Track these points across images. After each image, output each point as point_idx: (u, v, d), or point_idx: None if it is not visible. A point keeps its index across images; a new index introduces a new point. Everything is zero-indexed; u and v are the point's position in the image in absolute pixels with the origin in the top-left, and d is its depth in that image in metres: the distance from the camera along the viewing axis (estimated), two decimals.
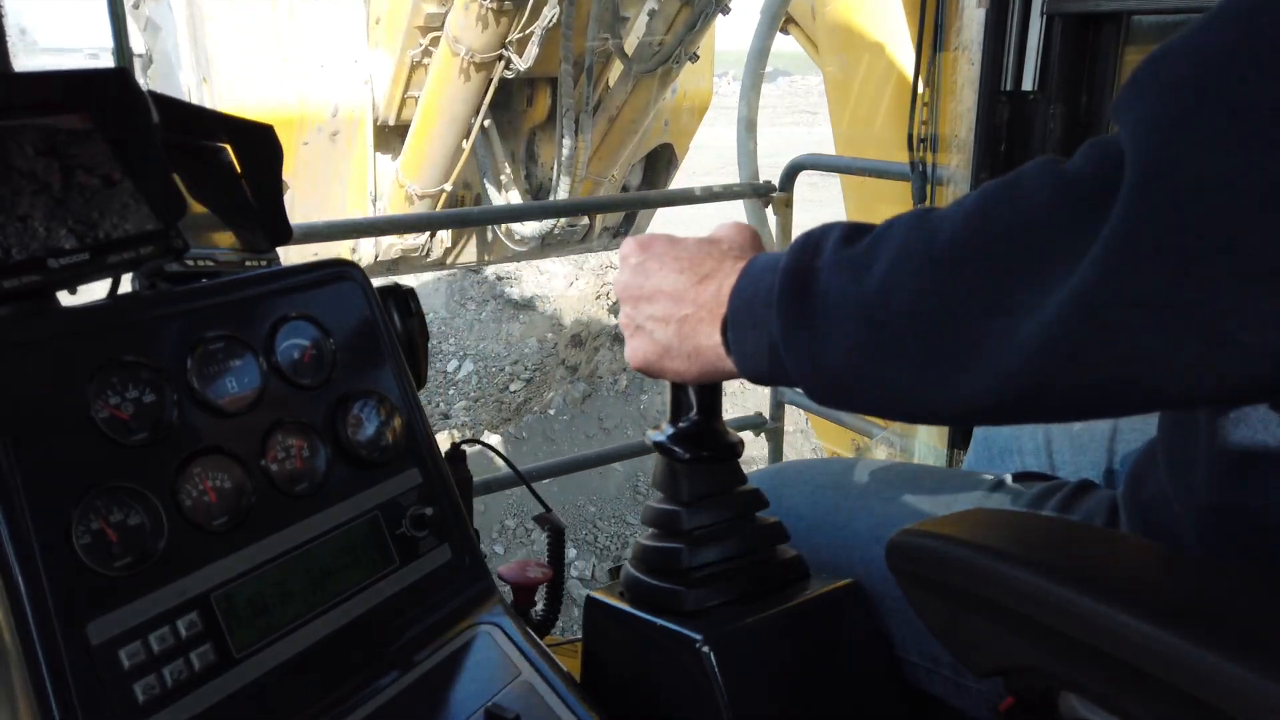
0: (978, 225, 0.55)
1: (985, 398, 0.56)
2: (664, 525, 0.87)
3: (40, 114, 0.76)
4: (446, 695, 0.83)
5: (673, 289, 0.73)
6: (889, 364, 0.59)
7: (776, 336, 0.64)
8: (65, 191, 0.75)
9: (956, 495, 0.94)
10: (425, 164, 4.08)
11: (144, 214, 0.79)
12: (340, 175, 4.39)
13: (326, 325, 0.87)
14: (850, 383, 0.62)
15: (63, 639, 0.64)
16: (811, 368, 0.63)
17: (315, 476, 0.82)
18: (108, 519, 0.69)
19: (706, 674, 0.78)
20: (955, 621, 0.67)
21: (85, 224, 0.75)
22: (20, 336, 0.69)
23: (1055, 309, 0.51)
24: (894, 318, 0.58)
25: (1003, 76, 1.90)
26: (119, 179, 0.79)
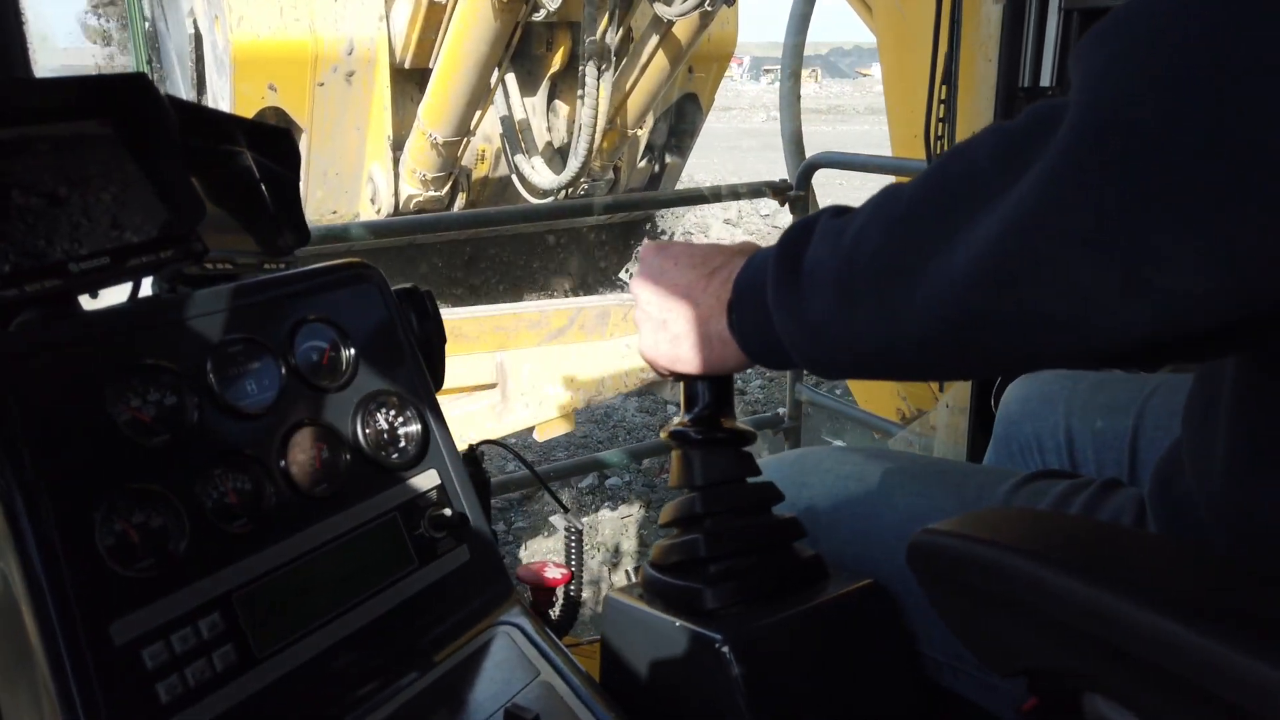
0: (930, 181, 0.60)
1: (929, 330, 0.59)
2: (680, 518, 0.87)
3: (61, 119, 0.77)
4: (466, 695, 0.83)
5: (686, 283, 0.80)
6: (856, 314, 0.63)
7: (770, 305, 0.69)
8: (86, 196, 0.76)
9: (980, 492, 0.93)
10: (448, 110, 3.96)
11: (151, 221, 0.80)
12: (358, 122, 4.29)
13: (345, 327, 0.88)
14: (829, 340, 0.67)
15: (86, 639, 0.65)
16: (796, 329, 0.68)
17: (334, 478, 0.82)
18: (130, 520, 0.69)
19: (727, 674, 0.78)
20: (978, 621, 0.67)
21: (106, 228, 0.76)
22: (43, 340, 0.70)
23: (985, 239, 0.54)
24: (859, 272, 0.63)
25: (1020, 73, 1.89)
26: (139, 183, 0.80)
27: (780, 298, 0.69)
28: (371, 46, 4.20)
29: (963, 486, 0.95)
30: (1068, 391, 1.13)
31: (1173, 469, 0.75)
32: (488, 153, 4.60)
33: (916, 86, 2.68)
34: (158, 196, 0.80)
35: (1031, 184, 0.52)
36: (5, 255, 0.71)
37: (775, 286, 0.69)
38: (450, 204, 4.59)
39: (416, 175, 4.27)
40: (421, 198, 4.38)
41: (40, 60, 5.20)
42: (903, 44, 2.79)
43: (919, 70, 2.63)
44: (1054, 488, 0.90)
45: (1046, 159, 0.52)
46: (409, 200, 4.39)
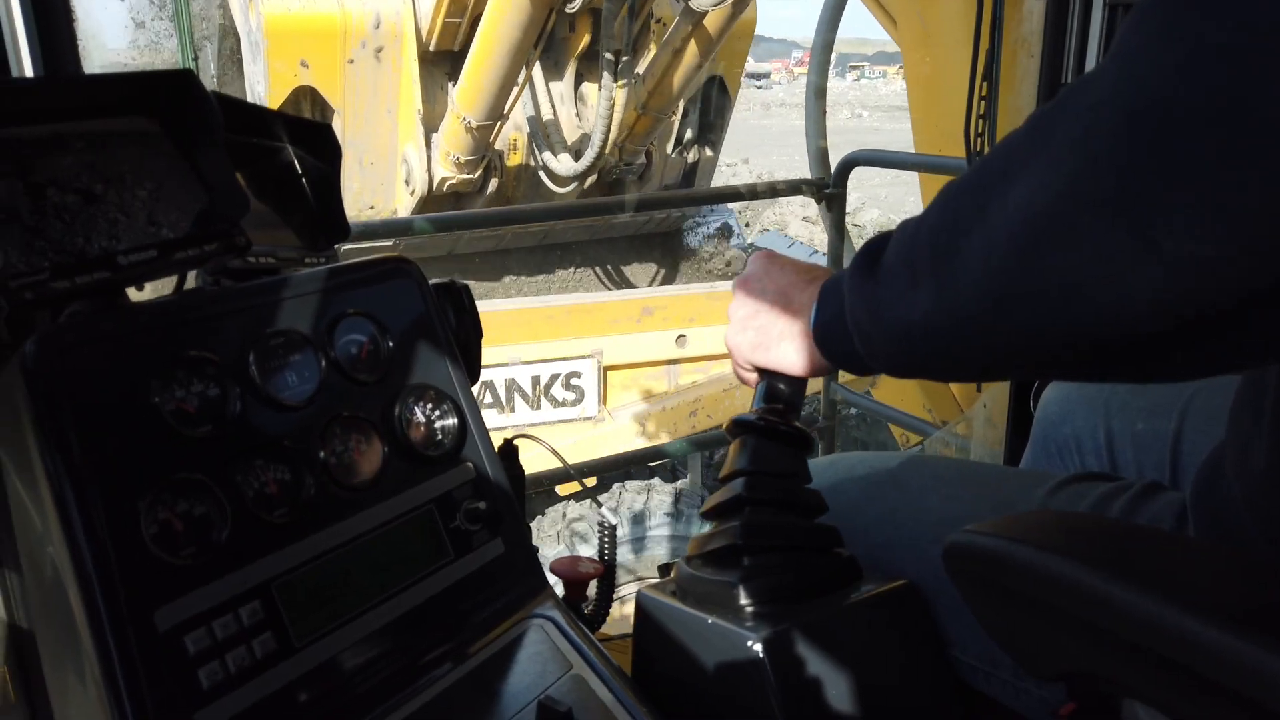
0: (979, 162, 0.63)
1: (973, 305, 0.61)
2: (722, 504, 0.87)
3: (110, 115, 0.78)
4: (500, 687, 0.83)
5: (786, 284, 0.87)
6: (918, 294, 0.65)
7: (845, 294, 0.73)
8: (122, 193, 0.77)
9: (1016, 495, 0.92)
10: (482, 94, 3.96)
11: (186, 217, 0.81)
12: (390, 105, 4.33)
13: (383, 321, 0.89)
14: (890, 321, 0.68)
15: (131, 625, 0.66)
16: (865, 313, 0.71)
17: (372, 470, 0.83)
18: (174, 509, 0.70)
19: (759, 672, 0.77)
20: (1016, 625, 0.66)
21: (153, 222, 0.78)
22: (92, 331, 0.72)
23: (1014, 207, 0.56)
24: (918, 251, 0.65)
25: (1063, 69, 1.85)
26: (185, 178, 0.81)
27: (855, 285, 0.72)
28: (398, 20, 4.22)
29: (998, 489, 0.94)
30: (1108, 392, 1.11)
31: (1215, 472, 0.74)
32: (519, 142, 4.60)
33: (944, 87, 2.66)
34: (202, 191, 0.82)
35: (1058, 150, 0.54)
36: (44, 252, 0.73)
37: (852, 276, 0.73)
38: (483, 186, 4.58)
39: (450, 158, 4.28)
40: (455, 180, 4.39)
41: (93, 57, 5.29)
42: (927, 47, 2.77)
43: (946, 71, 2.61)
44: (1093, 490, 0.88)
45: (1073, 125, 0.54)
46: (442, 182, 4.39)
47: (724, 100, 5.38)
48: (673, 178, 5.35)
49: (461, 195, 4.58)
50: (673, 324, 3.67)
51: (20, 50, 1.04)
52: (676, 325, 3.68)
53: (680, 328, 3.68)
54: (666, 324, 3.66)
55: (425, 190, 4.35)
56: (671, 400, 3.76)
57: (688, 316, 3.71)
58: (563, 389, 3.49)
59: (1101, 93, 0.53)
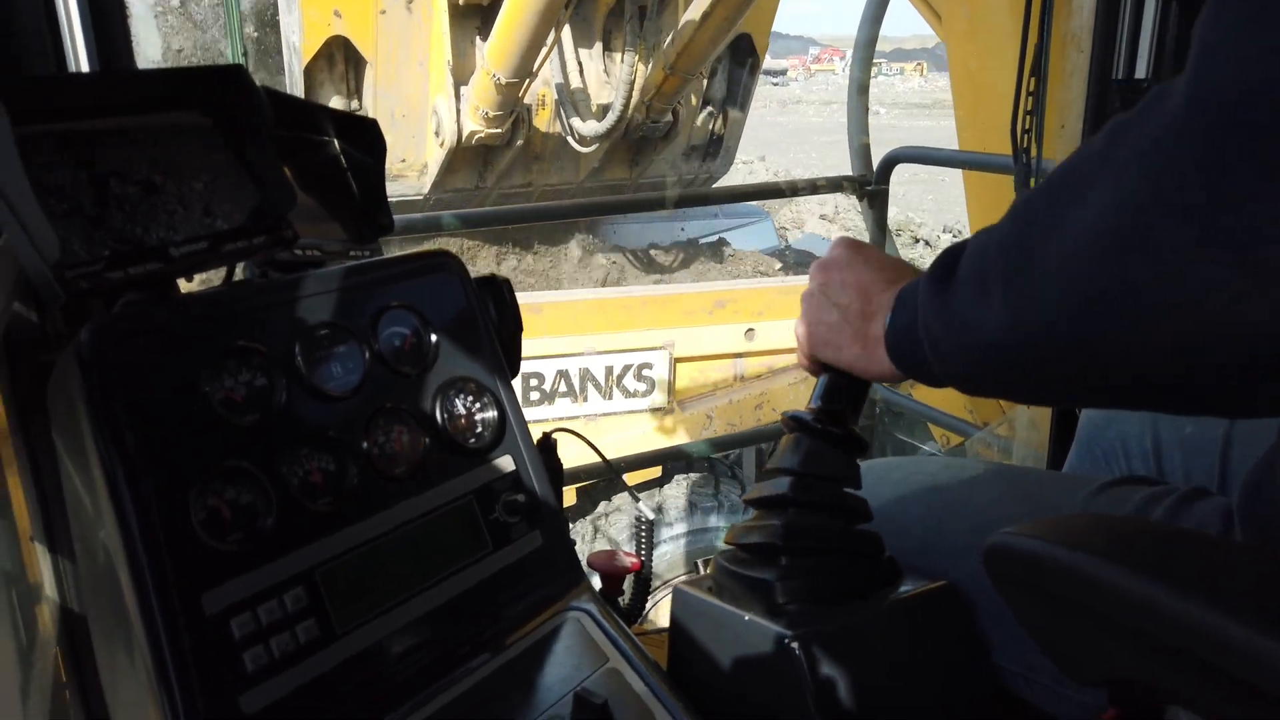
0: (1054, 171, 0.61)
1: (1049, 318, 0.59)
2: (766, 498, 0.87)
3: (162, 110, 0.80)
4: (536, 678, 0.84)
5: (867, 281, 0.82)
6: (989, 306, 0.63)
7: (919, 303, 0.71)
8: (180, 185, 0.79)
9: (1058, 499, 0.90)
10: (511, 52, 3.95)
11: (241, 209, 0.83)
12: (421, 57, 4.34)
13: (426, 315, 0.90)
14: (962, 333, 0.66)
15: (180, 608, 0.68)
16: (937, 323, 0.69)
17: (414, 461, 0.84)
18: (222, 496, 0.72)
19: (795, 671, 0.77)
20: (1057, 629, 0.65)
21: (199, 216, 0.79)
22: (144, 321, 0.73)
23: (1094, 216, 0.54)
24: (990, 262, 0.63)
25: (1114, 64, 1.82)
26: (233, 172, 0.83)
27: (929, 295, 0.70)
28: None
29: (1039, 492, 0.93)
30: None
31: (1265, 477, 0.72)
32: (548, 98, 4.59)
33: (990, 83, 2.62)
34: (251, 184, 0.83)
35: (1140, 157, 0.52)
36: (104, 241, 0.74)
37: (927, 285, 0.71)
38: (511, 140, 4.58)
39: (479, 112, 4.29)
40: (483, 134, 4.39)
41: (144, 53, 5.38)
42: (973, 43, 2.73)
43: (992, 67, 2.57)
44: (1136, 494, 0.87)
45: (1156, 130, 0.51)
46: (471, 135, 4.40)
47: (753, 59, 5.31)
48: (700, 138, 5.28)
49: (490, 148, 4.58)
50: (743, 317, 3.65)
51: (77, 46, 1.07)
52: (747, 319, 3.65)
53: (750, 321, 3.66)
54: (737, 317, 3.64)
55: (454, 142, 4.36)
56: (738, 393, 3.76)
57: (758, 310, 3.68)
58: (635, 379, 3.50)
59: (1184, 93, 0.50)
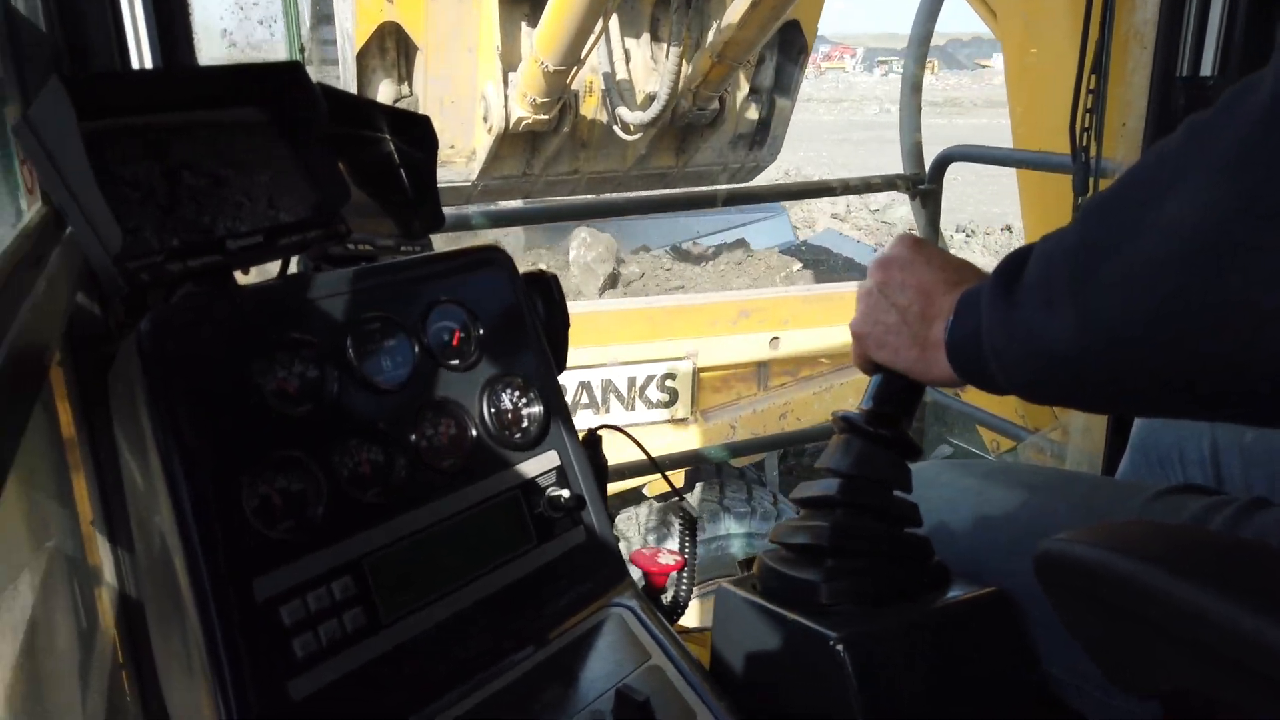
0: (1124, 174, 0.59)
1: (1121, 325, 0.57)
2: (813, 498, 0.86)
3: (221, 106, 0.82)
4: (578, 673, 0.85)
5: (930, 282, 0.80)
6: (1055, 313, 0.61)
7: (982, 309, 0.69)
8: (255, 176, 0.81)
9: (1111, 505, 0.88)
10: (559, 40, 3.96)
11: (303, 202, 0.84)
12: (470, 43, 4.39)
13: (474, 309, 0.90)
14: (1026, 341, 0.65)
15: (232, 594, 0.69)
16: (1000, 331, 0.67)
17: (460, 454, 0.85)
18: (273, 485, 0.73)
19: (840, 673, 0.76)
20: (1109, 637, 0.64)
21: (264, 208, 0.81)
22: (202, 313, 0.75)
23: (1174, 219, 0.52)
24: (1055, 269, 0.61)
25: (1179, 61, 1.77)
26: (290, 167, 0.84)
27: (992, 302, 0.68)
28: None
29: (1091, 498, 0.91)
30: None
31: None
32: (595, 85, 4.60)
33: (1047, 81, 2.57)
34: (307, 180, 0.85)
35: (1224, 156, 0.50)
36: (174, 230, 0.76)
37: (991, 290, 0.69)
38: (558, 127, 4.61)
39: (527, 99, 4.32)
40: (530, 120, 4.42)
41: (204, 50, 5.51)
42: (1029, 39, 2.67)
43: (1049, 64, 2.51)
44: (1193, 503, 0.84)
45: (1242, 128, 0.49)
46: (519, 122, 4.43)
47: (800, 46, 5.25)
48: (747, 126, 5.23)
49: (537, 135, 4.62)
50: (768, 326, 3.63)
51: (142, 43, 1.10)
52: (772, 328, 3.63)
53: (775, 330, 3.63)
54: (762, 326, 3.62)
55: (502, 129, 4.39)
56: (761, 403, 3.73)
57: (783, 319, 3.66)
58: (657, 390, 3.50)
59: (1271, 90, 0.48)
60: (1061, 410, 2.51)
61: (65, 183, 0.69)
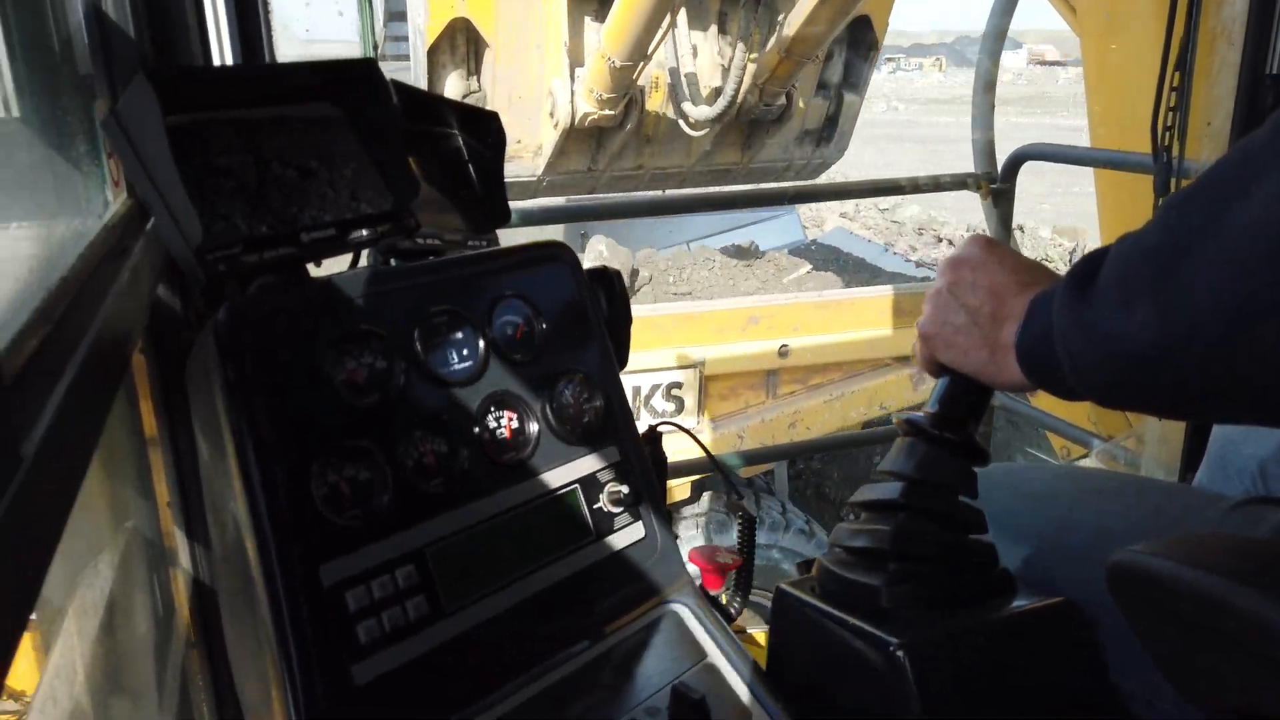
0: (1207, 171, 0.58)
1: (1201, 324, 0.56)
2: (874, 501, 0.85)
3: (299, 102, 0.84)
4: (634, 669, 0.85)
5: (1001, 283, 0.78)
6: (1133, 313, 0.60)
7: (1054, 311, 0.68)
8: (340, 169, 0.83)
9: (1187, 515, 0.85)
10: (627, 35, 3.96)
11: (383, 195, 0.86)
12: (537, 39, 4.43)
13: (538, 304, 0.91)
14: (1102, 343, 0.63)
15: (300, 578, 0.71)
16: (1073, 332, 0.66)
17: (522, 447, 0.86)
18: (341, 473, 0.75)
19: (901, 680, 0.75)
20: (1183, 653, 0.62)
21: (354, 198, 0.83)
22: (276, 303, 0.77)
23: (1260, 215, 0.51)
24: (1134, 267, 0.60)
25: (1269, 58, 1.70)
26: (363, 162, 0.86)
27: (1065, 303, 0.67)
28: None
29: (1166, 507, 0.88)
30: None
31: None
32: (662, 80, 4.60)
33: (1128, 78, 2.48)
34: (379, 175, 0.86)
35: None
36: (263, 218, 0.79)
37: (1064, 292, 0.68)
38: (623, 122, 4.63)
39: (594, 95, 4.35)
40: (596, 115, 4.45)
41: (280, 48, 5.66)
42: (1111, 35, 2.59)
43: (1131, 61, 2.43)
44: (1273, 516, 0.81)
45: None
46: (584, 117, 4.45)
47: (870, 42, 5.17)
48: (814, 122, 5.17)
49: (603, 130, 4.64)
50: (777, 333, 3.56)
51: (223, 39, 1.13)
52: (781, 335, 3.56)
53: (784, 337, 3.56)
54: (771, 333, 3.55)
55: (568, 124, 4.42)
56: (770, 411, 3.66)
57: (792, 326, 3.59)
58: (663, 399, 3.46)
59: None
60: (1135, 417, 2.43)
61: (149, 176, 0.71)
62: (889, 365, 3.78)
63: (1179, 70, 1.83)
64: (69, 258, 0.67)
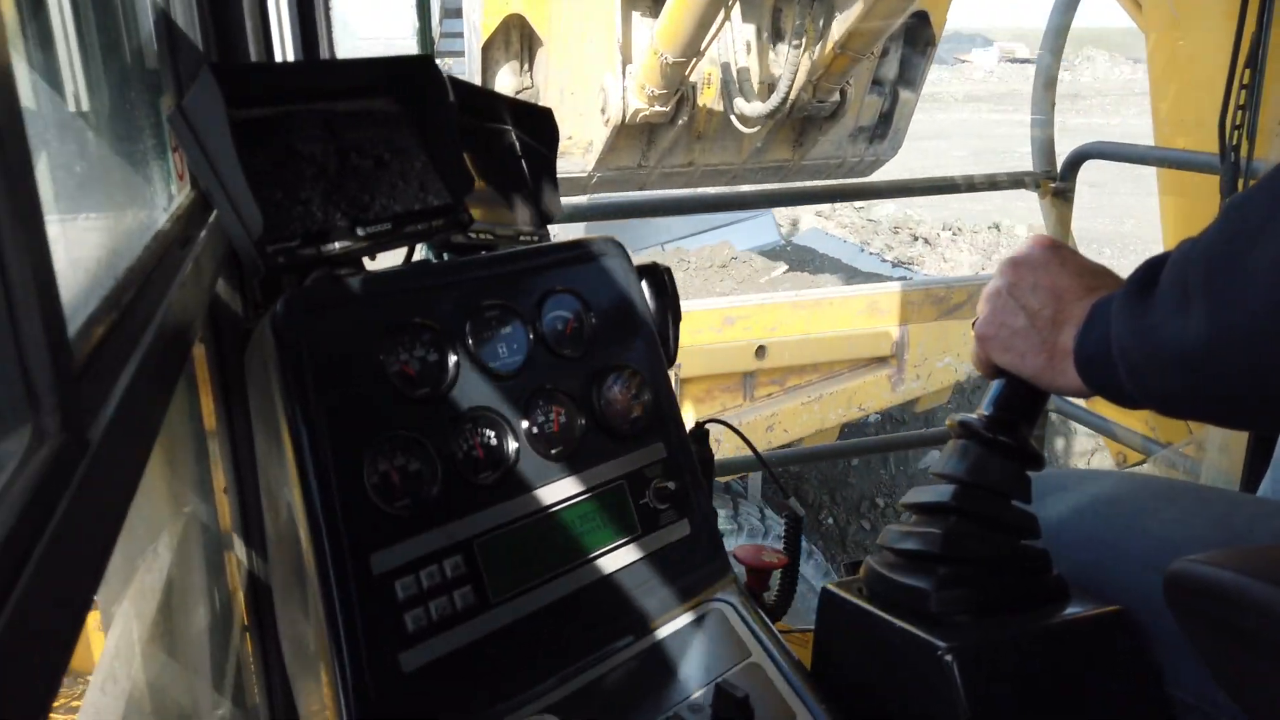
0: (1269, 174, 0.57)
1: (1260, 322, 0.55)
2: (925, 504, 0.84)
3: (359, 97, 0.85)
4: (678, 665, 0.85)
5: (1064, 286, 0.77)
6: (1190, 314, 0.59)
7: (1113, 315, 0.67)
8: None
9: (1251, 525, 0.83)
10: (680, 32, 3.96)
11: (438, 190, 0.87)
12: (590, 35, 4.45)
13: (588, 299, 0.91)
14: (1159, 346, 0.62)
15: (351, 565, 0.72)
16: (1131, 336, 0.65)
17: (570, 442, 0.86)
18: (393, 463, 0.76)
19: (949, 685, 0.74)
20: (1244, 667, 0.60)
21: (423, 189, 0.84)
22: (332, 296, 0.78)
23: None
24: (1192, 268, 0.59)
25: None
26: (420, 157, 0.87)
27: (1124, 309, 0.66)
28: None
29: (1229, 517, 0.85)
30: None
31: None
32: (714, 76, 4.58)
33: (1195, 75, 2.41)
34: (434, 170, 0.87)
35: None
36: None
37: (1123, 297, 0.67)
38: (674, 118, 4.62)
39: (645, 91, 4.36)
40: (647, 112, 4.45)
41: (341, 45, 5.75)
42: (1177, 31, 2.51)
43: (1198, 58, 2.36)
44: None
45: None
46: (636, 113, 4.46)
47: (928, 38, 5.08)
48: (869, 119, 5.10)
49: (654, 127, 4.65)
50: (754, 334, 3.51)
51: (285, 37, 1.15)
52: (757, 335, 3.51)
53: (760, 338, 3.51)
54: (748, 334, 3.50)
55: (620, 120, 4.44)
56: (748, 414, 3.61)
57: (769, 326, 3.54)
58: None
59: None
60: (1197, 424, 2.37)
61: (213, 169, 0.73)
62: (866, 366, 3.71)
63: (1249, 68, 1.77)
64: (135, 249, 0.69)
